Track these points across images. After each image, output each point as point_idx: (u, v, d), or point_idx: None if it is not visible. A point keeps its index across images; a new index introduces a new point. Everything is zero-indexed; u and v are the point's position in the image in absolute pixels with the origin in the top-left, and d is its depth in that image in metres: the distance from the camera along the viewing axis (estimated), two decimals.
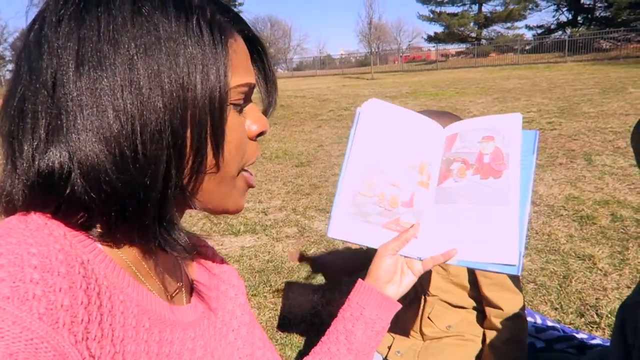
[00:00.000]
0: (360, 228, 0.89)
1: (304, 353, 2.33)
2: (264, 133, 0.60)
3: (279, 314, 2.79)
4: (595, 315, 2.51)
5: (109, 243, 0.53)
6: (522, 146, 0.86)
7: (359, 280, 0.89)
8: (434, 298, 1.73)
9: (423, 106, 10.59)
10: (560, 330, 2.22)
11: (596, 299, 2.67)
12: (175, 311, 0.61)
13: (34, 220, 0.47)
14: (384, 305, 0.87)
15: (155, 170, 0.48)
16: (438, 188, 0.91)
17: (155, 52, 0.46)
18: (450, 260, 0.87)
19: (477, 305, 1.71)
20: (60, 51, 0.45)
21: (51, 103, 0.45)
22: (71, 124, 0.45)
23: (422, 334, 1.73)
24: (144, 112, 0.46)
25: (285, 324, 2.68)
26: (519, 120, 0.89)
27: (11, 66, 0.51)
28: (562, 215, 3.96)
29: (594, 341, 2.14)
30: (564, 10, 35.44)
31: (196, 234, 0.75)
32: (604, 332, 2.36)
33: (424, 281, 1.74)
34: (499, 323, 1.59)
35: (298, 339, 2.54)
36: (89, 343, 0.43)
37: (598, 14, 32.84)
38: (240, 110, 0.56)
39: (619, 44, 25.93)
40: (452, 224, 0.88)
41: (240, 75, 0.53)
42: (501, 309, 1.59)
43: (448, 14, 37.79)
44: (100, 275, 0.49)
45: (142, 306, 0.54)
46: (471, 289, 1.69)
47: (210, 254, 0.80)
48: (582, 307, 2.60)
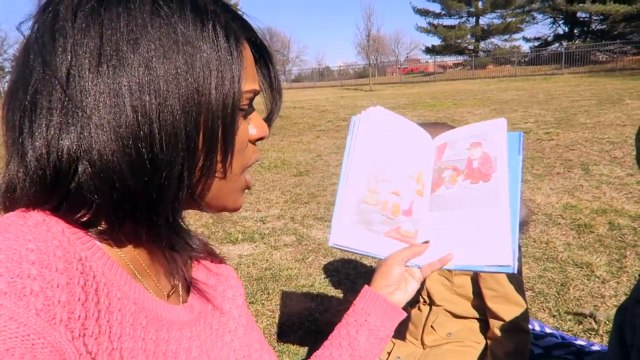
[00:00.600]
0: (363, 236, 0.89)
1: None
2: (264, 138, 0.61)
3: (276, 321, 2.77)
4: (593, 322, 2.50)
5: (108, 241, 0.53)
6: (508, 148, 0.88)
7: (365, 286, 0.88)
8: (439, 308, 1.73)
9: (421, 117, 10.65)
10: (559, 337, 2.21)
11: (594, 306, 2.66)
12: (172, 310, 0.61)
13: (33, 216, 0.47)
14: (389, 313, 0.86)
15: (170, 172, 0.48)
16: (432, 196, 0.93)
17: (174, 55, 0.47)
18: (447, 265, 0.88)
19: (480, 316, 1.71)
20: (77, 47, 0.45)
21: (67, 100, 0.45)
22: (87, 121, 0.45)
23: (423, 342, 1.73)
24: (161, 114, 0.46)
25: (283, 331, 2.67)
26: (504, 125, 0.91)
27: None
28: (560, 223, 3.96)
29: (593, 348, 2.13)
30: (560, 23, 35.77)
31: (196, 234, 0.75)
32: (602, 339, 2.36)
33: (430, 291, 1.74)
34: (502, 335, 1.59)
35: (295, 347, 2.53)
36: (86, 339, 0.43)
37: (594, 27, 33.16)
38: (245, 116, 0.57)
39: (615, 56, 26.14)
40: (447, 229, 0.89)
41: (249, 81, 0.54)
42: (505, 321, 1.59)
43: (445, 27, 38.10)
44: (98, 272, 0.48)
45: (139, 304, 0.53)
46: (475, 299, 1.69)
47: (210, 254, 0.79)
48: (580, 315, 2.59)
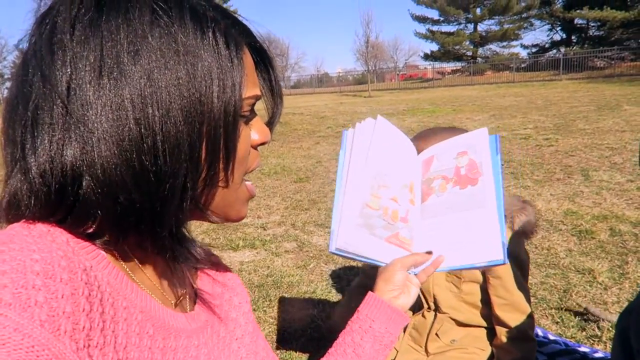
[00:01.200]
0: (365, 240, 0.89)
1: None
2: (266, 143, 0.61)
3: (278, 328, 2.76)
4: (596, 329, 2.50)
5: (113, 252, 0.53)
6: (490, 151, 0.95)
7: (369, 292, 0.89)
8: (444, 315, 1.73)
9: (420, 123, 10.66)
10: (562, 344, 2.21)
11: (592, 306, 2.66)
12: (179, 318, 0.61)
13: (38, 227, 0.46)
14: (393, 319, 0.87)
15: (174, 183, 0.48)
16: (422, 206, 0.98)
17: (175, 65, 0.46)
18: (440, 267, 0.91)
19: (485, 324, 1.71)
20: (76, 60, 0.44)
21: (68, 114, 0.44)
22: (89, 135, 0.44)
23: (427, 349, 1.72)
24: (164, 125, 0.46)
25: (285, 338, 2.66)
26: (486, 133, 0.98)
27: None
28: (561, 229, 3.96)
29: (596, 355, 2.13)
30: (557, 29, 35.95)
31: (201, 244, 0.75)
32: (606, 346, 2.35)
33: (437, 297, 1.74)
34: (509, 343, 1.59)
35: (298, 354, 2.52)
36: (91, 350, 0.43)
37: (591, 33, 33.31)
38: (247, 122, 0.57)
39: (613, 62, 26.29)
40: (438, 234, 0.94)
41: (249, 87, 0.54)
42: (512, 329, 1.59)
43: (444, 33, 38.22)
44: (103, 282, 0.48)
45: (146, 312, 0.53)
46: (483, 307, 1.69)
47: (215, 262, 0.79)
48: (583, 321, 2.59)
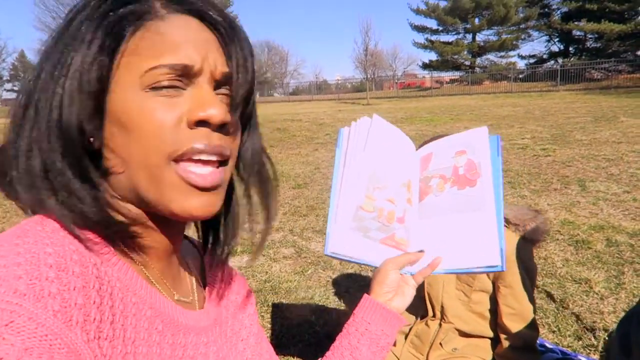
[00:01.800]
0: (359, 243, 0.90)
1: None
2: (208, 121, 0.52)
3: (276, 334, 2.77)
4: (592, 339, 2.51)
5: (123, 249, 0.54)
6: (490, 152, 0.94)
7: (365, 295, 0.89)
8: (449, 325, 1.72)
9: (419, 132, 10.70)
10: (559, 353, 2.22)
11: (593, 322, 2.67)
12: (189, 316, 0.61)
13: (50, 223, 0.48)
14: (389, 321, 0.87)
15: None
16: (420, 204, 0.97)
17: (60, 37, 0.52)
18: (437, 270, 0.91)
19: (488, 334, 1.71)
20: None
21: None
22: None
23: (428, 358, 1.72)
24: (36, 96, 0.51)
25: (283, 344, 2.66)
26: (486, 132, 0.96)
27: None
28: (558, 239, 3.99)
29: None
30: (555, 40, 36.22)
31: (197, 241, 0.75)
32: (602, 356, 2.36)
33: (445, 306, 1.74)
34: (513, 353, 1.60)
35: (296, 359, 2.52)
36: (101, 342, 0.44)
37: (589, 45, 33.55)
38: (168, 94, 0.51)
39: (610, 74, 26.41)
40: (435, 235, 0.93)
41: (157, 57, 0.50)
42: (517, 340, 1.59)
43: (442, 42, 38.40)
44: (113, 277, 0.49)
45: (156, 309, 0.54)
46: (490, 318, 1.69)
47: (221, 262, 0.79)
48: (580, 330, 2.61)
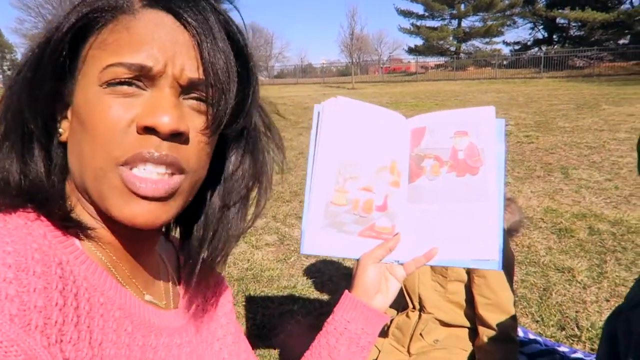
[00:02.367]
0: (335, 240, 0.84)
1: None
2: (156, 129, 0.47)
3: (257, 323, 2.72)
4: (575, 328, 2.51)
5: (89, 244, 0.52)
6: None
7: (345, 292, 0.84)
8: (428, 316, 1.71)
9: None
10: (542, 344, 2.21)
11: (576, 311, 2.68)
12: (162, 316, 0.59)
13: (13, 219, 0.46)
14: (369, 319, 0.82)
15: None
16: (410, 186, 0.86)
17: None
18: (431, 261, 0.83)
19: (470, 324, 1.69)
20: None
21: None
22: None
23: (409, 350, 1.70)
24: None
25: (264, 334, 2.62)
26: (493, 114, 0.84)
27: None
28: (541, 227, 4.00)
29: (576, 355, 2.14)
30: (540, 28, 36.43)
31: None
32: (585, 346, 2.37)
33: (422, 297, 1.71)
34: (491, 344, 1.58)
35: (277, 351, 2.47)
36: (63, 346, 0.42)
37: (572, 33, 33.83)
38: (134, 96, 0.48)
39: (592, 62, 26.71)
40: (430, 223, 0.84)
41: (118, 54, 0.47)
42: (494, 330, 1.57)
43: (428, 28, 38.35)
44: (80, 276, 0.47)
45: (125, 309, 0.53)
46: (467, 307, 1.67)
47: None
48: (563, 320, 2.61)
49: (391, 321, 1.81)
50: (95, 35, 0.49)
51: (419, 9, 38.57)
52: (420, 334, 1.70)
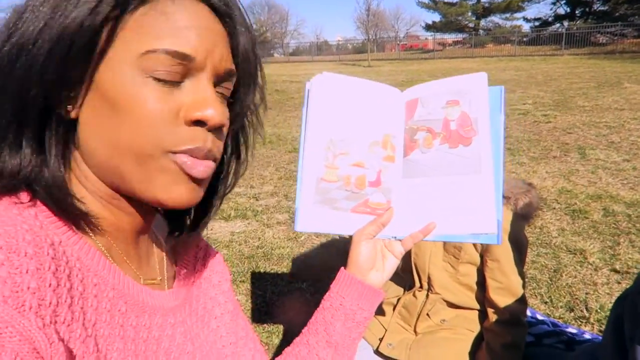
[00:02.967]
0: (328, 216, 0.83)
1: (290, 341, 2.31)
2: (206, 122, 0.50)
3: (266, 300, 2.76)
4: (584, 310, 2.50)
5: (85, 228, 0.51)
6: (490, 107, 0.79)
7: (341, 269, 0.84)
8: (436, 296, 1.71)
9: None
10: (550, 325, 2.21)
11: (586, 293, 2.66)
12: (155, 296, 0.59)
13: (4, 200, 0.45)
14: (365, 295, 0.82)
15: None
16: (405, 160, 0.84)
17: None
18: (429, 236, 0.81)
19: (476, 307, 1.69)
20: None
21: None
22: None
23: (416, 329, 1.71)
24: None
25: (273, 311, 2.66)
26: (485, 81, 0.81)
27: None
28: (555, 208, 3.95)
29: (584, 336, 2.13)
30: (562, 3, 35.36)
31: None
32: (593, 327, 2.36)
33: (432, 277, 1.72)
34: (501, 327, 1.58)
35: (286, 328, 2.51)
36: (58, 327, 0.42)
37: (596, 8, 32.77)
38: (171, 86, 0.48)
39: (615, 38, 25.88)
40: (425, 198, 0.82)
41: (157, 39, 0.47)
42: (504, 313, 1.57)
43: (446, 3, 37.59)
44: (73, 257, 0.47)
45: (119, 290, 0.52)
46: (477, 290, 1.67)
47: (195, 239, 0.77)
48: (572, 302, 2.59)
49: (398, 300, 1.82)
50: (130, 14, 0.47)
51: None
52: (427, 314, 1.71)
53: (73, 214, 0.49)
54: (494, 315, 1.60)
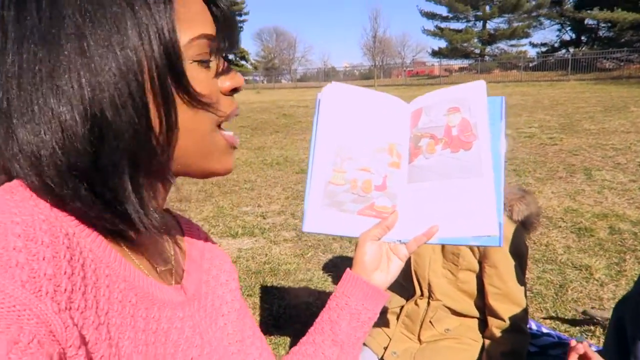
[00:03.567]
0: (335, 218, 0.87)
1: None
2: (238, 90, 0.60)
3: (273, 314, 2.78)
4: (590, 324, 2.50)
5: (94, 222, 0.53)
6: (490, 114, 0.84)
7: (347, 269, 0.87)
8: (437, 303, 1.72)
9: None
10: (555, 337, 2.21)
11: (592, 308, 2.65)
12: (165, 290, 0.60)
13: (20, 191, 0.47)
14: (370, 295, 0.85)
15: (120, 145, 0.47)
16: (410, 167, 0.89)
17: (102, 20, 0.46)
18: (432, 239, 0.85)
19: (479, 314, 1.70)
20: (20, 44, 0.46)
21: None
22: (15, 111, 0.46)
23: (420, 337, 1.72)
24: (100, 89, 0.46)
25: (280, 324, 2.67)
26: (484, 88, 0.86)
27: None
28: (561, 226, 3.95)
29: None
30: (567, 29, 35.67)
31: (187, 218, 0.75)
32: (599, 341, 2.35)
33: (432, 284, 1.73)
34: (501, 334, 1.58)
35: (292, 340, 2.53)
36: (72, 313, 0.43)
37: (601, 34, 33.02)
38: (208, 65, 0.55)
39: (621, 64, 26.01)
40: (428, 202, 0.86)
41: (195, 27, 0.52)
42: (504, 321, 1.58)
43: (452, 30, 37.93)
44: (86, 248, 0.48)
45: (129, 282, 0.53)
46: (477, 297, 1.68)
47: (203, 238, 0.79)
48: (578, 316, 2.59)
49: (400, 310, 1.83)
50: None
51: (442, 10, 38.24)
52: (430, 322, 1.72)
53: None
54: (493, 323, 1.60)
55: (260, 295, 2.99)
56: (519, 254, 1.63)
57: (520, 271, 1.63)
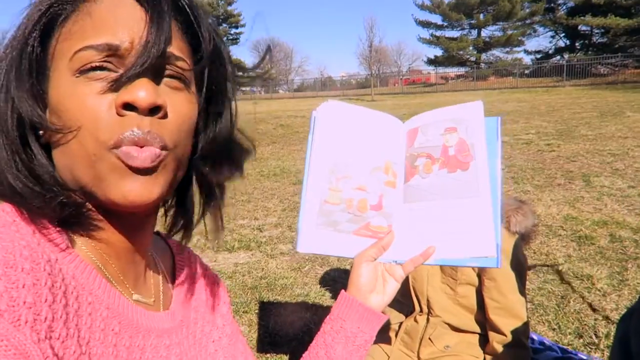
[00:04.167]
0: (330, 238, 0.84)
1: None
2: (134, 103, 0.47)
3: (270, 331, 2.72)
4: (594, 337, 2.45)
5: (79, 241, 0.51)
6: (486, 133, 0.83)
7: (342, 291, 0.84)
8: (437, 319, 1.68)
9: None
10: (558, 351, 2.16)
11: (595, 319, 2.61)
12: (151, 317, 0.58)
13: (2, 217, 0.46)
14: (366, 318, 0.82)
15: None
16: (405, 186, 0.87)
17: None
18: (429, 260, 0.83)
19: (480, 330, 1.66)
20: None
21: None
22: None
23: (419, 355, 1.68)
24: None
25: (277, 341, 2.62)
26: (481, 108, 0.85)
27: None
28: (561, 235, 3.91)
29: None
30: (561, 36, 35.95)
31: (179, 242, 0.71)
32: (603, 354, 2.30)
33: (431, 300, 1.70)
34: (502, 350, 1.54)
35: (288, 358, 2.47)
36: (53, 342, 0.42)
37: (595, 40, 33.30)
38: (101, 78, 0.48)
39: (616, 69, 26.20)
40: (425, 222, 0.84)
41: (83, 39, 0.47)
42: (505, 335, 1.54)
43: (447, 38, 38.26)
44: (68, 275, 0.47)
45: (113, 309, 0.52)
46: (477, 311, 1.65)
47: (194, 261, 0.77)
48: (581, 328, 2.54)
49: (399, 326, 1.79)
50: (60, 28, 0.49)
51: (437, 19, 38.56)
52: (430, 339, 1.68)
53: (78, 221, 0.50)
54: (494, 337, 1.57)
55: (257, 311, 2.94)
56: (519, 266, 1.60)
57: (520, 283, 1.60)
